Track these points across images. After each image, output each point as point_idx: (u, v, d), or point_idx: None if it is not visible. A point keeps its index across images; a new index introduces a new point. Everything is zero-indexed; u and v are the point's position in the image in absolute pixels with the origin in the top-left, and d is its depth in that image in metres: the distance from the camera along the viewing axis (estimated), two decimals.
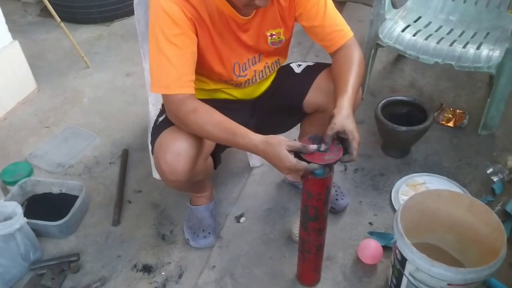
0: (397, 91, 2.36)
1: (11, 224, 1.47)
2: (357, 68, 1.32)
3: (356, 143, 1.18)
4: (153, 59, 1.23)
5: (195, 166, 1.32)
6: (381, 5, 2.08)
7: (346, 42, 1.36)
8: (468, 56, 1.90)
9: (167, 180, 1.34)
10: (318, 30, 1.36)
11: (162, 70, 1.20)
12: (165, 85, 1.21)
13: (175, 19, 1.18)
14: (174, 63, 1.19)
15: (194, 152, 1.29)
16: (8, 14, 2.29)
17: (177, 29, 1.19)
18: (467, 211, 1.39)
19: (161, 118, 1.40)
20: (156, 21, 1.20)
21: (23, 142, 2.11)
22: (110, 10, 3.05)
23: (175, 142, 1.27)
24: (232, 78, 1.40)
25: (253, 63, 1.43)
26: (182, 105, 1.21)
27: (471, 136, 2.07)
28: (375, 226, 1.68)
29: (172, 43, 1.19)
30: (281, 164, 1.14)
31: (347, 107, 1.21)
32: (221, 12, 1.25)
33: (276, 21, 1.36)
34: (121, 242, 1.65)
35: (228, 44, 1.33)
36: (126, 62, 2.66)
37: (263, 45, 1.39)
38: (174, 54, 1.19)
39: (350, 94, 1.25)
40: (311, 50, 2.66)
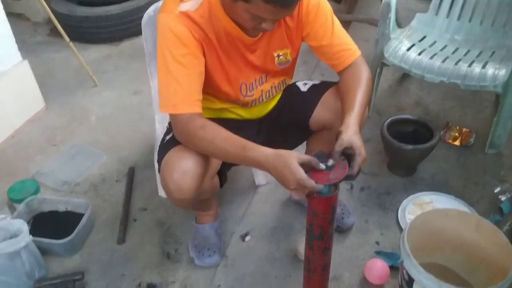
0: (403, 109, 2.36)
1: (17, 242, 1.47)
2: (365, 86, 1.32)
3: (361, 159, 1.18)
4: (161, 79, 1.24)
5: (202, 185, 1.32)
6: (386, 25, 2.10)
7: (354, 61, 1.37)
8: (474, 75, 1.90)
9: (173, 199, 1.34)
10: (325, 50, 1.37)
11: (170, 89, 1.22)
12: (173, 104, 1.22)
13: (182, 39, 1.20)
14: (181, 83, 1.21)
15: (201, 171, 1.29)
16: (18, 34, 2.33)
17: (184, 49, 1.20)
18: (474, 230, 1.38)
19: (168, 137, 1.41)
20: (164, 42, 1.21)
21: (31, 160, 2.13)
22: (119, 30, 3.09)
23: (182, 161, 1.27)
24: (239, 98, 1.41)
25: (260, 83, 1.44)
26: (190, 123, 1.21)
27: (478, 155, 2.06)
28: (382, 246, 1.66)
29: (180, 63, 1.20)
30: (291, 176, 1.11)
31: (354, 124, 1.22)
32: (229, 33, 1.27)
33: (283, 42, 1.37)
34: (125, 260, 1.65)
35: (235, 64, 1.34)
36: (134, 80, 2.69)
37: (270, 65, 1.40)
38: (182, 74, 1.21)
39: (357, 111, 1.25)
40: (317, 69, 2.68)
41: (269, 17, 1.14)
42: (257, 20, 1.16)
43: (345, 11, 2.90)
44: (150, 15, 1.73)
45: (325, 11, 1.34)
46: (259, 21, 1.16)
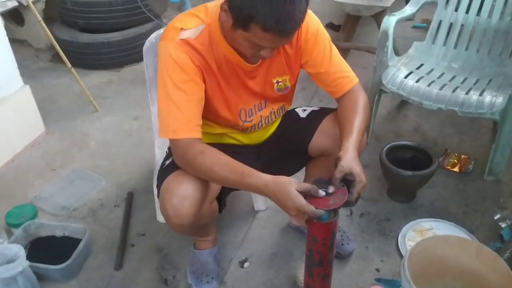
0: (401, 136, 2.37)
1: (14, 267, 1.46)
2: (362, 112, 1.34)
3: (361, 186, 1.18)
4: (161, 105, 1.26)
5: (201, 210, 1.32)
6: (384, 53, 2.13)
7: (352, 88, 1.39)
8: (471, 102, 1.92)
9: (172, 224, 1.33)
10: (323, 77, 1.39)
11: (170, 115, 1.23)
12: (173, 130, 1.23)
13: (182, 66, 1.22)
14: (181, 108, 1.22)
15: (200, 196, 1.29)
16: (20, 60, 2.36)
17: (184, 75, 1.22)
18: (475, 257, 1.36)
19: (167, 162, 1.41)
20: (165, 68, 1.23)
21: (29, 185, 2.13)
22: (120, 57, 3.14)
23: (181, 186, 1.27)
24: (238, 123, 1.42)
25: (259, 109, 1.45)
26: (189, 148, 1.23)
27: (477, 181, 2.06)
28: (382, 273, 1.64)
29: (180, 89, 1.22)
30: (290, 203, 1.13)
31: (353, 149, 1.23)
32: (228, 60, 1.29)
33: (282, 69, 1.39)
34: (123, 286, 1.63)
35: (235, 90, 1.36)
36: (134, 106, 2.71)
37: (269, 91, 1.42)
38: (182, 99, 1.22)
39: (355, 136, 1.27)
40: (315, 96, 2.70)
41: (268, 45, 1.16)
42: (256, 47, 1.17)
43: (343, 39, 2.95)
44: (152, 42, 1.76)
45: (324, 39, 1.36)
46: (258, 49, 1.18)
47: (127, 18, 3.10)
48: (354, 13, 2.76)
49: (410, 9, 2.31)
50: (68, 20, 3.18)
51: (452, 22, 2.32)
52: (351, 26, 2.95)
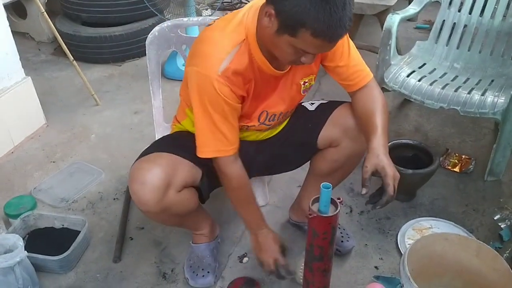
0: (402, 135, 2.37)
1: (11, 257, 1.45)
2: (383, 108, 1.37)
3: (390, 179, 1.23)
4: (203, 129, 1.30)
5: (165, 197, 1.31)
6: (387, 51, 2.13)
7: (368, 82, 1.40)
8: (473, 102, 1.92)
9: (141, 211, 1.36)
10: (342, 70, 1.40)
11: (214, 138, 1.30)
12: (217, 150, 1.32)
13: (226, 99, 1.24)
14: (225, 132, 1.29)
15: (160, 183, 1.29)
16: (22, 52, 2.35)
17: (226, 106, 1.26)
18: (475, 256, 1.36)
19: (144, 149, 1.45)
20: (208, 100, 1.25)
21: (29, 176, 2.12)
22: (122, 51, 3.13)
23: (141, 172, 1.30)
24: (254, 124, 1.43)
25: (284, 117, 1.48)
26: (227, 169, 1.36)
27: (478, 181, 2.06)
28: (381, 271, 1.64)
29: (223, 116, 1.27)
30: (272, 254, 1.42)
31: (376, 147, 1.26)
32: (262, 70, 1.30)
33: (309, 68, 1.40)
34: (121, 279, 1.62)
35: (265, 96, 1.38)
36: (135, 100, 2.70)
37: (295, 93, 1.43)
38: (224, 124, 1.28)
39: (380, 133, 1.29)
40: (317, 94, 2.70)
41: (314, 51, 1.15)
42: (299, 54, 1.16)
43: None
44: (155, 35, 1.76)
45: None
46: (300, 55, 1.17)
47: (130, 13, 3.09)
48: (357, 11, 2.76)
49: (414, 8, 2.31)
50: (71, 14, 3.17)
51: (455, 22, 2.32)
52: (354, 25, 2.94)
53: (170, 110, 1.89)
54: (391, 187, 1.22)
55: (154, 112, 1.86)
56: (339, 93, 1.55)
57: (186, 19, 1.86)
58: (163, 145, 1.44)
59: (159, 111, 1.86)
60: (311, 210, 1.18)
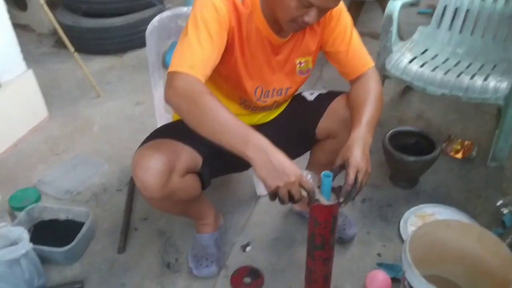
0: (404, 122, 2.36)
1: (17, 249, 1.47)
2: (375, 102, 1.33)
3: (351, 169, 1.18)
4: (185, 41, 1.19)
5: (168, 183, 1.30)
6: (388, 38, 2.11)
7: (367, 70, 1.39)
8: (476, 87, 1.91)
9: (145, 198, 1.35)
10: (341, 56, 1.39)
11: (190, 50, 1.17)
12: (190, 65, 1.15)
13: (219, 17, 1.20)
14: (204, 50, 1.17)
15: (164, 168, 1.28)
16: (23, 45, 2.34)
17: (216, 24, 1.20)
18: (477, 242, 1.37)
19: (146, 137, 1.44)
20: (201, 9, 1.19)
21: (33, 169, 2.13)
22: (123, 42, 3.13)
23: (144, 158, 1.29)
24: (252, 99, 1.42)
25: (278, 94, 1.45)
26: (199, 85, 1.13)
27: (480, 167, 2.05)
28: (384, 258, 1.65)
29: (209, 33, 1.18)
30: (291, 169, 1.06)
31: (352, 139, 1.23)
32: (259, 31, 1.29)
33: (307, 48, 1.39)
34: (125, 270, 1.64)
35: (258, 66, 1.35)
36: (137, 91, 2.70)
37: (291, 74, 1.41)
38: (207, 43, 1.18)
39: (362, 126, 1.26)
40: (319, 81, 2.69)
41: (318, 2, 1.12)
42: (302, 9, 1.15)
43: None
44: (155, 25, 1.75)
45: (346, 19, 1.37)
46: (303, 11, 1.15)
47: (130, 3, 3.09)
48: None
49: None
50: (71, 5, 3.17)
51: (457, 7, 2.29)
52: (355, 11, 2.92)
53: None
54: (350, 177, 1.16)
55: (155, 102, 1.86)
56: (341, 81, 1.54)
57: (186, 8, 1.85)
58: (164, 132, 1.43)
59: (160, 101, 1.86)
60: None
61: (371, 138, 1.27)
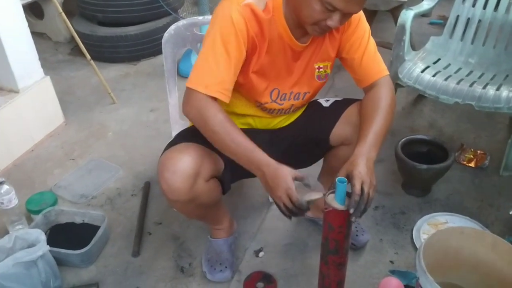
0: (416, 131, 2.37)
1: (34, 251, 1.49)
2: (384, 114, 1.34)
3: (356, 180, 1.18)
4: (202, 56, 1.26)
5: (194, 187, 1.33)
6: (401, 47, 2.13)
7: (379, 79, 1.39)
8: (488, 96, 1.91)
9: (169, 201, 1.36)
10: (355, 63, 1.40)
11: (207, 69, 1.24)
12: (205, 85, 1.23)
13: (237, 30, 1.23)
14: (220, 67, 1.23)
15: (191, 172, 1.30)
16: (40, 52, 2.39)
17: (234, 39, 1.23)
18: (490, 249, 1.37)
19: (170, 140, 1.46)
20: (220, 25, 1.24)
21: (49, 173, 2.17)
22: (137, 50, 3.17)
23: (172, 161, 1.31)
24: (267, 101, 1.43)
25: (296, 98, 1.47)
26: (212, 105, 1.23)
27: (493, 177, 2.05)
28: (396, 265, 1.65)
29: (226, 49, 1.23)
30: (283, 185, 1.20)
31: (356, 154, 1.24)
32: (281, 37, 1.31)
33: (326, 54, 1.41)
34: (140, 273, 1.66)
35: (277, 70, 1.38)
36: (151, 98, 2.74)
37: (309, 79, 1.43)
38: (224, 59, 1.23)
39: (367, 141, 1.27)
40: (331, 89, 2.71)
41: (341, 6, 1.14)
42: (326, 13, 1.16)
43: None
44: (171, 33, 1.79)
45: (364, 27, 1.38)
46: (327, 15, 1.17)
47: (145, 12, 3.14)
48: (371, 7, 2.76)
49: (428, 3, 2.31)
50: (87, 14, 3.23)
51: (469, 18, 2.31)
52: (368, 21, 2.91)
53: None
54: (356, 187, 1.17)
55: (170, 109, 1.89)
56: (353, 90, 1.56)
57: (201, 17, 1.89)
58: (188, 136, 1.44)
59: (175, 108, 1.89)
60: (326, 204, 1.20)
61: (376, 153, 1.29)
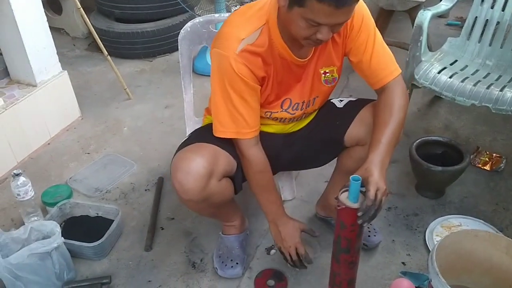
0: (432, 132, 2.35)
1: (49, 243, 1.51)
2: (397, 117, 1.33)
3: (371, 186, 1.19)
4: (222, 109, 1.33)
5: (207, 187, 1.34)
6: (417, 48, 2.11)
7: (391, 81, 1.38)
8: (506, 99, 1.89)
9: (182, 200, 1.38)
10: (364, 66, 1.39)
11: (233, 119, 1.33)
12: (236, 132, 1.36)
13: (244, 78, 1.27)
14: (244, 115, 1.32)
15: (204, 172, 1.32)
16: (58, 47, 2.42)
17: (245, 86, 1.28)
18: (504, 253, 1.35)
19: (185, 139, 1.49)
20: (226, 79, 1.28)
21: (65, 167, 2.20)
22: (153, 47, 3.20)
23: (185, 161, 1.32)
24: (277, 110, 1.44)
25: (307, 106, 1.48)
26: (249, 152, 1.39)
27: (508, 180, 2.03)
28: (408, 267, 1.64)
29: (242, 98, 1.30)
30: (291, 239, 1.48)
31: (370, 162, 1.25)
32: (283, 58, 1.32)
33: (330, 59, 1.40)
34: (152, 267, 1.67)
35: (286, 85, 1.39)
36: (166, 95, 2.76)
37: (317, 83, 1.43)
38: (243, 106, 1.31)
39: (380, 149, 1.27)
40: (345, 90, 2.70)
41: (325, 21, 1.13)
42: (313, 28, 1.16)
43: None
44: (187, 30, 1.80)
45: (368, 27, 1.36)
46: (315, 30, 1.17)
47: (161, 9, 3.15)
48: (388, 7, 2.74)
49: (446, 4, 2.28)
50: (104, 10, 3.26)
51: (487, 19, 2.28)
52: (384, 21, 2.92)
53: (200, 104, 1.94)
54: (371, 192, 1.17)
55: (185, 106, 1.90)
56: (367, 90, 1.55)
57: (217, 15, 1.89)
58: (202, 136, 1.46)
59: (190, 105, 1.90)
60: (340, 202, 1.20)
61: (389, 159, 1.29)
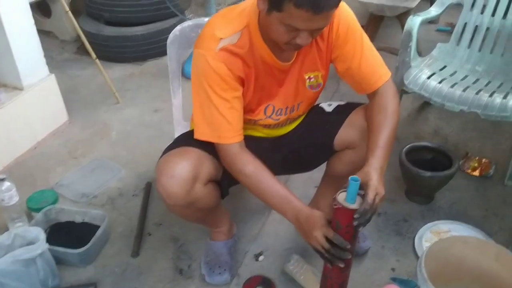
0: (421, 138, 2.35)
1: (33, 249, 1.49)
2: (391, 122, 1.33)
3: (371, 190, 1.17)
4: (202, 111, 1.29)
5: (192, 190, 1.32)
6: (407, 53, 2.12)
7: (382, 85, 1.37)
8: (495, 105, 1.89)
9: (167, 205, 1.37)
10: (354, 73, 1.37)
11: (214, 122, 1.28)
12: (218, 136, 1.30)
13: (222, 76, 1.25)
14: (225, 116, 1.27)
15: (188, 176, 1.30)
16: (46, 51, 2.39)
17: (225, 85, 1.26)
18: (494, 260, 1.35)
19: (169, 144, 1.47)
20: (205, 78, 1.25)
21: (51, 171, 2.17)
22: (143, 50, 3.17)
23: (169, 165, 1.31)
24: (261, 118, 1.43)
25: (291, 111, 1.46)
26: (238, 157, 1.31)
27: (498, 186, 2.03)
28: (398, 273, 1.63)
29: (222, 98, 1.26)
30: (318, 229, 1.20)
31: (369, 166, 1.23)
32: (265, 61, 1.31)
33: (314, 64, 1.39)
34: (138, 274, 1.65)
35: (269, 90, 1.38)
36: (155, 99, 2.74)
37: (301, 89, 1.42)
38: (224, 107, 1.27)
39: (378, 154, 1.26)
40: (336, 94, 2.69)
41: (303, 26, 1.12)
42: (292, 32, 1.15)
43: None
44: (176, 34, 1.79)
45: (355, 34, 1.34)
46: (294, 34, 1.15)
47: (152, 13, 3.14)
48: (378, 13, 2.75)
49: (435, 10, 2.29)
50: (94, 13, 3.23)
51: (477, 25, 2.29)
52: (374, 27, 2.94)
53: (189, 108, 1.90)
54: (370, 197, 1.16)
55: (173, 110, 1.89)
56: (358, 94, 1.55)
57: (206, 18, 1.88)
58: (187, 140, 1.44)
59: (179, 109, 1.89)
60: (336, 201, 1.17)
61: (386, 163, 1.28)
